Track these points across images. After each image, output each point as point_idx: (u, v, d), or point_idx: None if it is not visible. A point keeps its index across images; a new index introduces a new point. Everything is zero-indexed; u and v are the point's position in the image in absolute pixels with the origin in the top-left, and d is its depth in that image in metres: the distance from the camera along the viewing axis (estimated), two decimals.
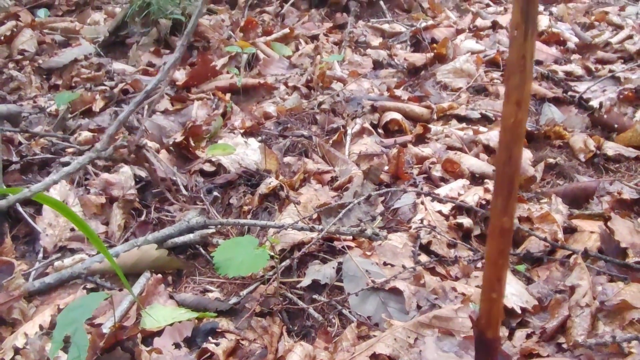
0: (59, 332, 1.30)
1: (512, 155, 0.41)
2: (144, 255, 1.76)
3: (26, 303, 1.70)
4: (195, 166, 2.24)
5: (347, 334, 1.47)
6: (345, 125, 2.62)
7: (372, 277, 1.62)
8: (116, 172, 2.11)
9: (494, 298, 0.45)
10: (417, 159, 2.29)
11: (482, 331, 0.47)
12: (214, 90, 2.98)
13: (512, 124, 0.40)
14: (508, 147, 0.41)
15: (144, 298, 1.65)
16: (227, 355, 1.42)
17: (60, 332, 1.30)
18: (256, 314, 1.58)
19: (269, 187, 1.99)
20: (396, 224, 1.93)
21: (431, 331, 1.44)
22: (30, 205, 2.02)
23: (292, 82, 3.13)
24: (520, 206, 1.94)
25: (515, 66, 0.39)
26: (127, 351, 1.48)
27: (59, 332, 1.30)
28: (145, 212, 2.06)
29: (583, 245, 1.73)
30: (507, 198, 0.42)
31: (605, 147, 2.37)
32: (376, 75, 3.34)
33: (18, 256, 1.89)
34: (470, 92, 2.98)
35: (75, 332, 1.31)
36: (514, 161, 0.41)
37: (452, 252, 1.79)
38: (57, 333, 1.31)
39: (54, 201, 0.70)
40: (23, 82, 3.35)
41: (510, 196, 0.42)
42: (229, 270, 1.51)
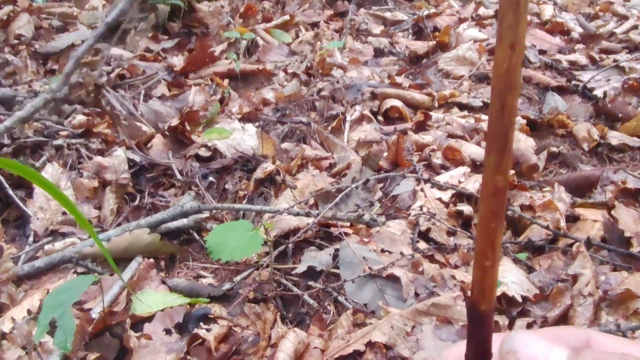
0: (45, 315, 1.26)
1: (506, 104, 0.36)
2: (136, 239, 1.72)
3: (15, 287, 1.66)
4: (190, 151, 2.19)
5: (343, 321, 1.43)
6: (344, 112, 2.58)
7: (369, 264, 1.58)
8: (109, 156, 2.07)
9: (487, 266, 0.40)
10: (417, 146, 2.25)
11: (474, 303, 0.42)
12: (212, 76, 2.93)
13: (506, 69, 0.35)
14: (501, 95, 0.36)
15: (135, 283, 1.61)
16: (219, 341, 1.37)
17: (46, 316, 1.26)
18: (249, 300, 1.54)
19: (265, 172, 1.95)
20: (395, 211, 1.88)
21: (429, 319, 1.40)
22: (21, 188, 1.98)
23: (292, 68, 3.08)
24: (522, 194, 1.89)
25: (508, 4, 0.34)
26: (116, 337, 1.45)
27: (44, 316, 1.26)
28: (138, 197, 2.02)
29: (586, 234, 1.69)
30: (501, 153, 0.37)
31: (609, 137, 2.32)
32: (377, 63, 3.28)
33: (8, 240, 1.85)
34: (472, 80, 2.93)
35: (62, 315, 1.27)
36: (508, 111, 0.36)
37: (451, 240, 1.75)
38: (43, 316, 1.26)
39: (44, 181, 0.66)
40: (19, 67, 3.29)
41: (505, 151, 0.37)
42: (222, 255, 1.47)
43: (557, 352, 0.37)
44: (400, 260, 1.59)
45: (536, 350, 0.37)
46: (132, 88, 2.96)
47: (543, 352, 0.37)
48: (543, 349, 0.37)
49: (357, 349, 1.34)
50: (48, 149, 2.12)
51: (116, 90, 2.94)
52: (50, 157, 2.10)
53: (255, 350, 1.36)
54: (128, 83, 2.99)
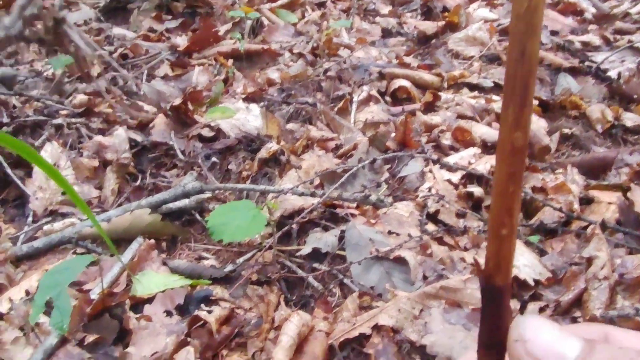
0: (41, 295, 1.23)
1: (526, 50, 0.30)
2: (136, 220, 1.67)
3: (13, 268, 1.63)
4: (193, 131, 2.14)
5: (348, 304, 1.38)
6: (351, 92, 2.51)
7: (376, 246, 1.53)
8: (110, 135, 2.02)
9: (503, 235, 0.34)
10: (425, 127, 2.18)
11: (489, 277, 0.36)
12: (216, 56, 2.87)
13: (526, 9, 0.30)
14: (521, 40, 0.30)
15: (135, 264, 1.57)
16: (220, 323, 1.33)
17: (42, 296, 1.22)
18: (252, 283, 1.50)
19: (270, 152, 1.89)
20: (402, 192, 1.83)
21: (438, 302, 1.35)
22: (21, 168, 1.94)
23: (298, 49, 3.01)
24: (533, 176, 1.84)
25: None
26: (116, 318, 1.41)
27: (40, 296, 1.23)
28: (140, 177, 1.97)
29: (600, 216, 1.63)
30: (521, 106, 0.32)
31: (623, 118, 2.25)
32: (385, 43, 3.21)
33: (6, 220, 1.81)
34: (483, 61, 2.85)
35: (58, 295, 1.23)
36: (529, 58, 0.30)
37: (461, 222, 1.69)
38: (39, 296, 1.23)
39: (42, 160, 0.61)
40: (20, 47, 3.24)
41: (525, 104, 0.32)
42: (224, 235, 1.42)
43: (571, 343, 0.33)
44: (408, 242, 1.54)
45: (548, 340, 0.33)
46: (135, 68, 2.90)
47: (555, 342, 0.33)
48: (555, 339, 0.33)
49: (364, 332, 1.29)
50: (48, 128, 2.08)
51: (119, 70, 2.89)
52: (50, 136, 2.05)
53: (258, 333, 1.32)
54: (131, 63, 2.94)
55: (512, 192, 0.38)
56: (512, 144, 0.37)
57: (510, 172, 0.38)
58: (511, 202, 0.38)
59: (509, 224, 0.39)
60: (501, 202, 0.38)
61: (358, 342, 1.30)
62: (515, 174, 0.38)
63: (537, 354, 0.33)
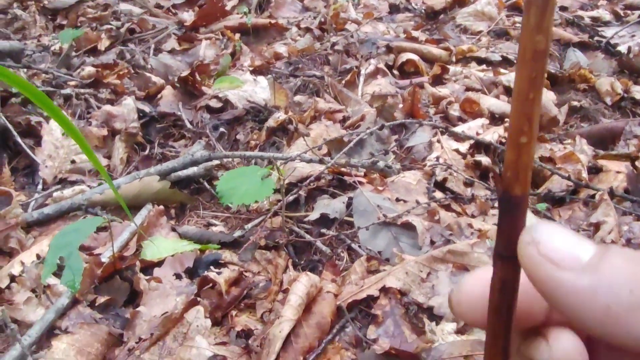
0: (52, 255, 1.24)
1: None
2: (145, 187, 1.68)
3: (24, 233, 1.64)
4: (201, 102, 2.15)
5: (356, 267, 1.39)
6: (358, 66, 2.51)
7: (383, 212, 1.53)
8: (119, 105, 2.03)
9: (522, 143, 0.34)
10: (433, 99, 2.18)
11: (508, 187, 0.36)
12: (223, 30, 2.86)
13: None
14: None
15: (145, 229, 1.58)
16: (230, 285, 1.35)
17: (53, 255, 1.24)
18: (261, 247, 1.51)
19: (278, 121, 1.90)
20: (410, 162, 1.83)
21: (445, 266, 1.36)
22: (30, 136, 1.95)
23: (305, 23, 3.00)
24: (542, 146, 1.83)
25: None
26: (126, 280, 1.43)
27: (52, 255, 1.24)
28: (148, 147, 1.98)
29: (608, 185, 1.63)
30: (544, 8, 0.31)
31: (633, 91, 2.24)
32: (392, 19, 3.19)
33: (17, 187, 1.83)
34: (491, 35, 2.84)
35: (70, 255, 1.24)
36: None
37: (468, 191, 1.70)
38: (51, 256, 1.24)
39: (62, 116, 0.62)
40: (27, 22, 3.24)
41: (546, 8, 0.31)
42: (233, 199, 1.43)
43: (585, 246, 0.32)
44: (415, 208, 1.54)
45: (561, 243, 0.33)
46: (142, 42, 2.90)
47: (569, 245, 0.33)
48: (569, 242, 0.33)
49: (371, 294, 1.30)
50: (56, 98, 2.09)
51: (126, 44, 2.89)
52: (59, 106, 2.06)
53: (267, 295, 1.33)
54: (138, 37, 2.93)
55: (532, 99, 0.38)
56: (533, 48, 0.36)
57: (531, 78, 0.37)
58: (531, 109, 0.38)
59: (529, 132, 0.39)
60: (521, 109, 0.38)
61: (365, 304, 1.31)
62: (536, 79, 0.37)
63: (550, 255, 0.33)
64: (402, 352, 1.16)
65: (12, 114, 1.99)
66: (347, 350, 1.20)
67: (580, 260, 0.32)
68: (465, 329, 1.21)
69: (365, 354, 1.20)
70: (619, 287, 0.29)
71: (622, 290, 0.29)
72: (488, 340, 0.44)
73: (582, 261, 0.32)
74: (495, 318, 0.45)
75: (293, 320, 1.19)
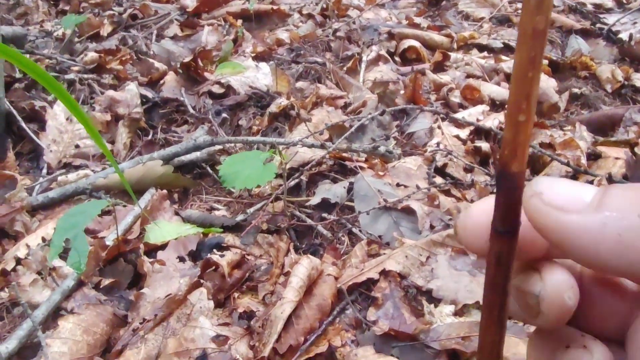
0: (58, 236, 1.26)
1: None
2: (149, 171, 1.70)
3: (29, 217, 1.66)
4: (203, 88, 2.16)
5: (357, 251, 1.41)
6: (360, 52, 2.51)
7: (384, 196, 1.55)
8: (122, 90, 2.04)
9: (520, 121, 0.36)
10: (435, 86, 2.19)
11: (505, 164, 0.38)
12: (225, 16, 2.87)
13: None
14: None
15: (148, 213, 1.60)
16: (232, 267, 1.37)
17: (59, 237, 1.26)
18: (263, 231, 1.53)
19: (280, 107, 1.91)
20: (411, 148, 1.85)
21: (444, 250, 1.38)
22: (34, 121, 1.97)
23: (307, 9, 3.00)
24: (542, 132, 1.85)
25: None
26: (130, 263, 1.45)
27: (58, 237, 1.26)
28: (151, 132, 2.00)
29: (607, 171, 1.65)
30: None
31: (633, 78, 2.25)
32: (394, 5, 3.19)
33: (22, 172, 1.84)
34: (493, 22, 2.84)
35: (75, 237, 1.27)
36: None
37: (468, 177, 1.71)
38: (57, 237, 1.26)
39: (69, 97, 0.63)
40: (30, 8, 3.25)
41: None
42: (235, 183, 1.45)
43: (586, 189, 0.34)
44: (416, 193, 1.56)
45: (563, 189, 0.34)
46: (144, 28, 2.90)
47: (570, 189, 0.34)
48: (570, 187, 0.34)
49: (371, 277, 1.33)
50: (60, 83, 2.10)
51: (128, 30, 2.89)
52: None
53: (269, 277, 1.36)
54: (140, 23, 2.94)
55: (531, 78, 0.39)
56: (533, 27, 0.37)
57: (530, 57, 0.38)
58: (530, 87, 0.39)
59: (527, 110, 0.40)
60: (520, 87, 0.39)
61: (366, 287, 1.33)
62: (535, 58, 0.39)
63: (555, 202, 0.33)
64: (401, 333, 1.18)
65: (16, 99, 2.01)
66: (347, 332, 1.23)
67: (584, 200, 0.33)
68: (462, 311, 1.23)
69: (365, 335, 1.22)
70: (627, 214, 0.30)
71: (631, 216, 0.30)
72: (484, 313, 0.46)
73: (586, 201, 0.33)
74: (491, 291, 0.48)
75: (294, 302, 1.22)
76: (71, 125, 1.89)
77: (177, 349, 1.15)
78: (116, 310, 1.31)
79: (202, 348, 1.16)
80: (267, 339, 1.17)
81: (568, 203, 0.33)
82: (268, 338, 1.17)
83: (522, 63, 0.39)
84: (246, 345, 1.19)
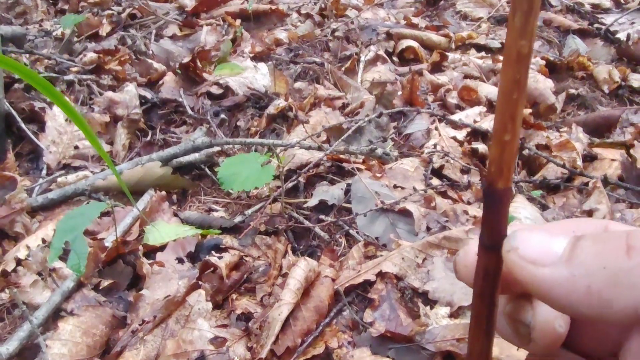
0: (58, 239, 1.27)
1: None
2: (147, 172, 1.71)
3: (29, 218, 1.67)
4: (202, 88, 2.17)
5: (354, 253, 1.43)
6: (358, 52, 2.52)
7: (381, 198, 1.57)
8: (121, 91, 2.05)
9: (506, 140, 0.37)
10: (432, 86, 2.20)
11: (491, 181, 0.39)
12: (224, 16, 2.87)
13: None
14: None
15: (147, 215, 1.61)
16: (230, 269, 1.38)
17: (59, 239, 1.27)
18: (261, 233, 1.54)
19: (278, 108, 1.92)
20: (408, 149, 1.86)
21: (440, 252, 1.39)
22: (34, 122, 1.98)
23: (306, 9, 3.01)
24: (538, 133, 1.86)
25: None
26: (129, 264, 1.46)
27: (58, 239, 1.27)
28: (150, 133, 2.01)
29: (603, 172, 1.66)
30: (527, 14, 0.35)
31: (630, 79, 2.26)
32: (393, 5, 3.20)
33: (21, 173, 1.85)
34: (491, 22, 2.84)
35: (75, 239, 1.28)
36: None
37: (465, 178, 1.73)
38: (56, 240, 1.28)
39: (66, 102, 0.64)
40: (29, 7, 3.25)
41: (531, 12, 0.34)
42: (234, 185, 1.47)
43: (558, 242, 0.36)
44: (412, 195, 1.58)
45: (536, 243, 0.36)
46: (143, 28, 2.91)
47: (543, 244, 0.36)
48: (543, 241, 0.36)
49: (368, 278, 1.34)
50: (59, 84, 2.11)
51: (127, 29, 2.90)
52: (62, 92, 2.08)
53: (266, 279, 1.37)
54: (139, 23, 2.94)
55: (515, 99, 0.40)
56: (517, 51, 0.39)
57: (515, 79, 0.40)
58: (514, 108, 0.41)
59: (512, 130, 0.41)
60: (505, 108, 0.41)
61: (362, 288, 1.35)
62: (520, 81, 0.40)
63: (528, 257, 0.36)
64: (397, 334, 1.20)
65: (15, 100, 2.02)
66: (344, 333, 1.24)
67: (556, 254, 0.35)
68: (458, 313, 1.25)
69: (362, 337, 1.24)
70: (593, 267, 0.32)
71: (596, 269, 0.31)
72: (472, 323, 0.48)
73: (558, 253, 0.35)
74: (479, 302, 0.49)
75: (292, 304, 1.23)
76: (70, 126, 1.91)
77: (175, 351, 1.17)
78: (115, 312, 1.32)
79: (201, 350, 1.17)
80: (264, 340, 1.18)
81: (541, 256, 0.35)
82: (266, 340, 1.18)
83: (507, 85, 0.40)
84: (244, 347, 1.21)
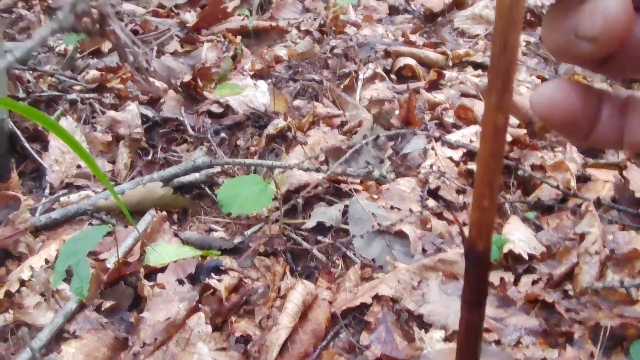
0: (61, 263, 1.30)
1: (508, 42, 0.36)
2: (149, 192, 1.74)
3: (32, 237, 1.70)
4: (203, 107, 2.20)
5: (351, 275, 1.46)
6: (357, 70, 2.56)
7: (378, 220, 1.60)
8: (123, 110, 2.08)
9: (485, 206, 0.41)
10: (429, 105, 2.23)
11: (472, 243, 0.43)
12: (225, 32, 2.91)
13: (509, 6, 0.35)
14: (503, 33, 0.36)
15: (148, 235, 1.64)
16: (230, 291, 1.41)
17: (62, 263, 1.30)
18: (260, 254, 1.57)
19: (277, 128, 1.95)
20: (405, 169, 1.89)
21: (435, 274, 1.42)
22: (37, 141, 2.01)
23: (305, 26, 3.04)
24: (533, 154, 1.89)
25: None
26: (131, 286, 1.49)
27: (61, 263, 1.30)
28: (151, 152, 2.04)
29: (596, 194, 1.69)
30: (502, 92, 0.38)
31: None
32: (391, 21, 3.24)
33: (25, 192, 1.89)
34: (488, 39, 2.88)
35: (78, 263, 1.31)
36: (510, 50, 0.36)
37: (460, 199, 1.76)
38: (60, 264, 1.31)
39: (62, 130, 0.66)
40: (32, 22, 3.29)
41: (506, 90, 0.38)
42: (233, 208, 1.50)
43: None
44: (409, 216, 1.61)
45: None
46: (144, 44, 2.95)
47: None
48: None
49: (365, 301, 1.37)
50: (62, 103, 2.14)
51: None
52: (65, 111, 2.12)
53: (265, 301, 1.40)
54: (141, 39, 2.98)
55: (493, 169, 0.44)
56: (494, 125, 0.42)
57: (492, 151, 0.43)
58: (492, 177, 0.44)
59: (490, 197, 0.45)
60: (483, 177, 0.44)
61: (359, 311, 1.37)
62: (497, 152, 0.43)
63: None
64: (392, 358, 1.22)
65: (19, 119, 2.05)
66: (341, 356, 1.27)
67: None
68: (452, 337, 1.27)
69: None
70: None
71: None
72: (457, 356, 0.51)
73: None
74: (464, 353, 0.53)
75: (289, 328, 1.26)
76: None
77: None
78: (117, 334, 1.35)
79: None
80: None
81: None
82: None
83: (485, 156, 0.43)
84: None
